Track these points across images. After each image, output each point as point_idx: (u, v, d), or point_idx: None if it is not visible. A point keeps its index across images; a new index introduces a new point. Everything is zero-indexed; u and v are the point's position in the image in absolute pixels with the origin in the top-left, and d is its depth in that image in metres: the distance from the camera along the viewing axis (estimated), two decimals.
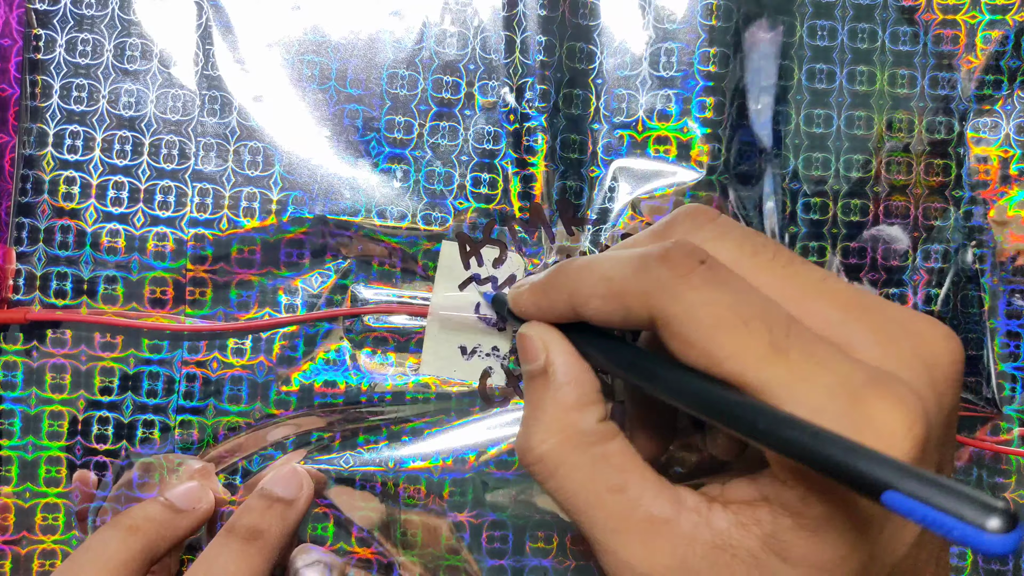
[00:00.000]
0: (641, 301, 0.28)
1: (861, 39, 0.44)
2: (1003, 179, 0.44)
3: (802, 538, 0.26)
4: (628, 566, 0.28)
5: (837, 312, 0.28)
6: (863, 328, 0.27)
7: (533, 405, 0.31)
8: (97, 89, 0.41)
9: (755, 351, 0.25)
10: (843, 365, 0.25)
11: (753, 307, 0.26)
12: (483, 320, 0.41)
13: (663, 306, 0.27)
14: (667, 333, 0.27)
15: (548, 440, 0.30)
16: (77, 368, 0.40)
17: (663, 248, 0.28)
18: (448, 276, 0.42)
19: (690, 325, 0.26)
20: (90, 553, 0.37)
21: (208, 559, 0.37)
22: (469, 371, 0.42)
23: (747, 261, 0.29)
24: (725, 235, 0.30)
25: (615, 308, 0.29)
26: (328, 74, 0.42)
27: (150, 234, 0.41)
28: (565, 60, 0.43)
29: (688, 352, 0.27)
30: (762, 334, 0.26)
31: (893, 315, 0.28)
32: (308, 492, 0.40)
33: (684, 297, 0.27)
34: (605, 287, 0.29)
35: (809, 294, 0.28)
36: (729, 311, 0.26)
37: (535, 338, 0.32)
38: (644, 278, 0.28)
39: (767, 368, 0.25)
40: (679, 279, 0.27)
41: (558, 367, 0.31)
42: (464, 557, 0.42)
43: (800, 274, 0.29)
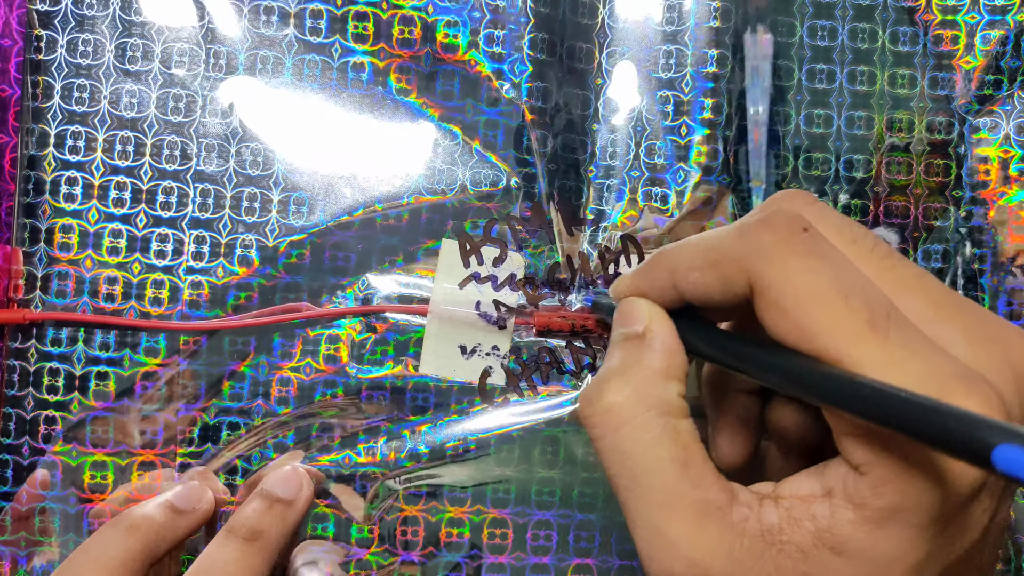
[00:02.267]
0: (740, 267, 0.27)
1: (861, 39, 0.44)
2: (1003, 179, 0.44)
3: (864, 531, 0.25)
4: (673, 545, 0.27)
5: (931, 309, 0.27)
6: (955, 328, 0.27)
7: (619, 362, 0.30)
8: (98, 90, 0.41)
9: (852, 328, 0.25)
10: (936, 356, 0.25)
11: (855, 283, 0.26)
12: (483, 318, 0.41)
13: (762, 271, 0.27)
14: (763, 302, 0.27)
15: (624, 391, 0.29)
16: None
17: (764, 215, 0.28)
18: (448, 274, 0.42)
19: (788, 293, 0.26)
20: (89, 553, 0.37)
21: (208, 559, 0.37)
22: (469, 370, 0.42)
23: (845, 247, 0.28)
24: (824, 219, 0.29)
25: (714, 278, 0.28)
26: (328, 74, 0.42)
27: (152, 235, 0.41)
28: (565, 59, 0.43)
29: (782, 323, 0.26)
30: (861, 311, 0.25)
31: (985, 319, 0.28)
32: (308, 493, 0.40)
33: (784, 263, 0.26)
34: (704, 257, 0.29)
35: (904, 288, 0.28)
36: (830, 283, 0.26)
37: (641, 305, 0.31)
38: (744, 244, 0.27)
39: (862, 346, 0.25)
40: (780, 244, 0.27)
41: (656, 334, 0.30)
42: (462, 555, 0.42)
43: (897, 267, 0.28)
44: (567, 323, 0.41)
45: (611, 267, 0.42)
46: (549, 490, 0.42)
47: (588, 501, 0.42)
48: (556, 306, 0.42)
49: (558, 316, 0.42)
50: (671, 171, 0.43)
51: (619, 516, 0.41)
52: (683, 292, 0.30)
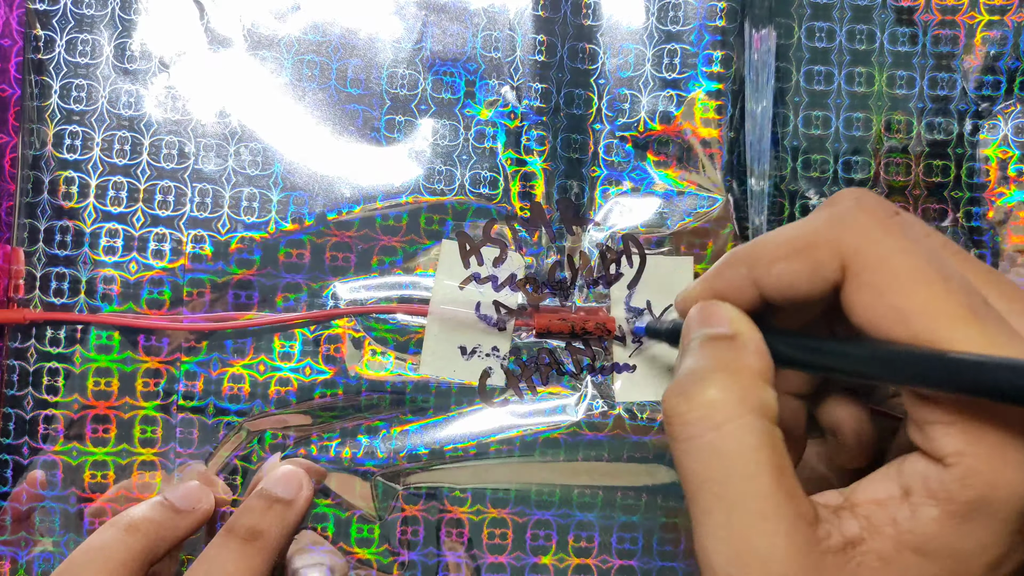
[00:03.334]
0: (833, 250, 0.27)
1: (859, 40, 0.44)
2: (1002, 179, 0.44)
3: (948, 527, 0.25)
4: (763, 561, 0.25)
5: (1004, 303, 0.27)
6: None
7: (710, 360, 0.29)
8: (97, 89, 0.41)
9: (952, 310, 0.24)
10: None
11: (950, 267, 0.25)
12: (483, 319, 0.41)
13: (858, 252, 0.26)
14: (856, 284, 0.26)
15: (728, 390, 0.27)
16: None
17: (855, 195, 0.27)
18: (448, 275, 0.42)
19: (886, 273, 0.25)
20: (89, 553, 0.36)
21: (208, 559, 0.37)
22: (469, 371, 0.42)
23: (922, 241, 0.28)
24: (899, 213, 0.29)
25: (803, 265, 0.27)
26: (328, 74, 0.42)
27: (150, 234, 0.41)
28: (567, 60, 0.43)
29: (877, 304, 0.25)
30: (961, 295, 0.25)
31: None
32: (308, 493, 0.40)
33: (882, 242, 0.26)
34: (790, 246, 0.28)
35: (979, 281, 0.27)
36: (928, 264, 0.25)
37: (723, 307, 0.30)
38: (838, 226, 0.27)
39: (963, 330, 0.24)
40: (877, 223, 0.26)
41: (748, 337, 0.29)
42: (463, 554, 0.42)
43: (969, 263, 0.28)
44: (567, 325, 0.41)
45: (612, 267, 0.42)
46: (549, 490, 0.42)
47: (588, 501, 0.42)
48: (556, 307, 0.42)
49: (558, 318, 0.42)
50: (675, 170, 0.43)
51: (619, 516, 0.41)
52: (764, 287, 0.29)
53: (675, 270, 0.43)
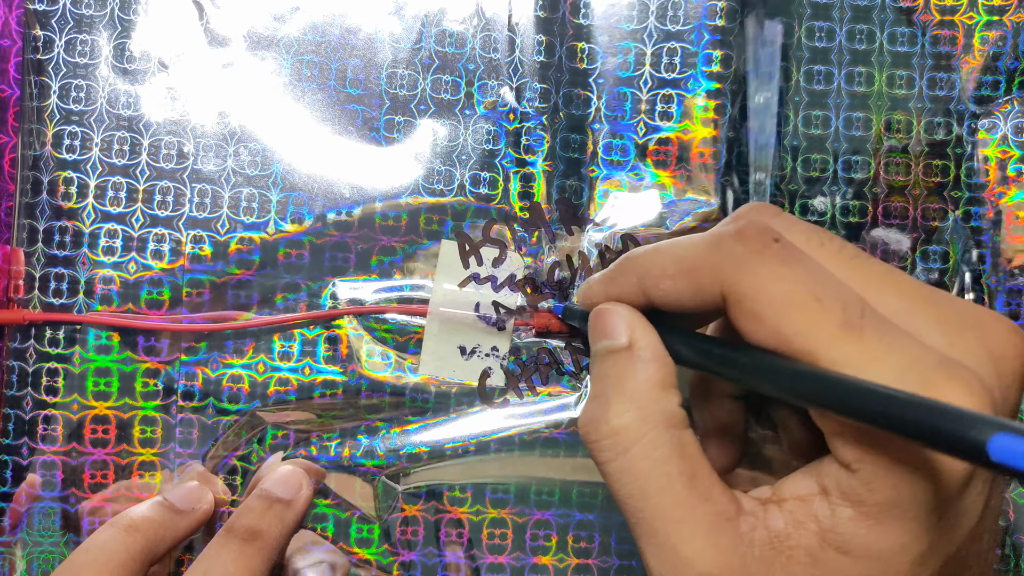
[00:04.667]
0: (713, 276, 0.28)
1: (859, 40, 0.44)
2: (1001, 179, 0.44)
3: (864, 528, 0.25)
4: (688, 563, 0.27)
5: (903, 302, 0.28)
6: (929, 318, 0.27)
7: (612, 380, 0.30)
8: (96, 89, 0.41)
9: (827, 328, 0.25)
10: (914, 348, 0.25)
11: (827, 285, 0.26)
12: (483, 319, 0.41)
13: (736, 281, 0.27)
14: (737, 311, 0.27)
15: (628, 412, 0.29)
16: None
17: (737, 226, 0.28)
18: (448, 275, 0.42)
19: (762, 301, 0.26)
20: (89, 554, 0.36)
21: (207, 559, 0.37)
22: (468, 371, 0.42)
23: (814, 252, 0.29)
24: (791, 227, 0.30)
25: (686, 286, 0.29)
26: (327, 74, 0.42)
27: (149, 235, 0.41)
28: (565, 60, 0.43)
29: (758, 330, 0.27)
30: (835, 312, 0.26)
31: (958, 307, 0.28)
32: (307, 493, 0.40)
33: (757, 272, 0.27)
34: (676, 266, 0.29)
35: (875, 284, 0.28)
36: (802, 287, 0.26)
37: (618, 314, 0.31)
38: (717, 253, 0.28)
39: (838, 346, 0.25)
40: (753, 254, 0.27)
41: (644, 344, 0.30)
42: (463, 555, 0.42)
43: (866, 265, 0.29)
44: (566, 325, 0.41)
45: None
46: (548, 490, 0.42)
47: (588, 501, 0.42)
48: None
49: (557, 318, 0.42)
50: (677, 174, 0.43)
51: (619, 516, 0.41)
52: (653, 299, 0.30)
53: None
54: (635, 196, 0.43)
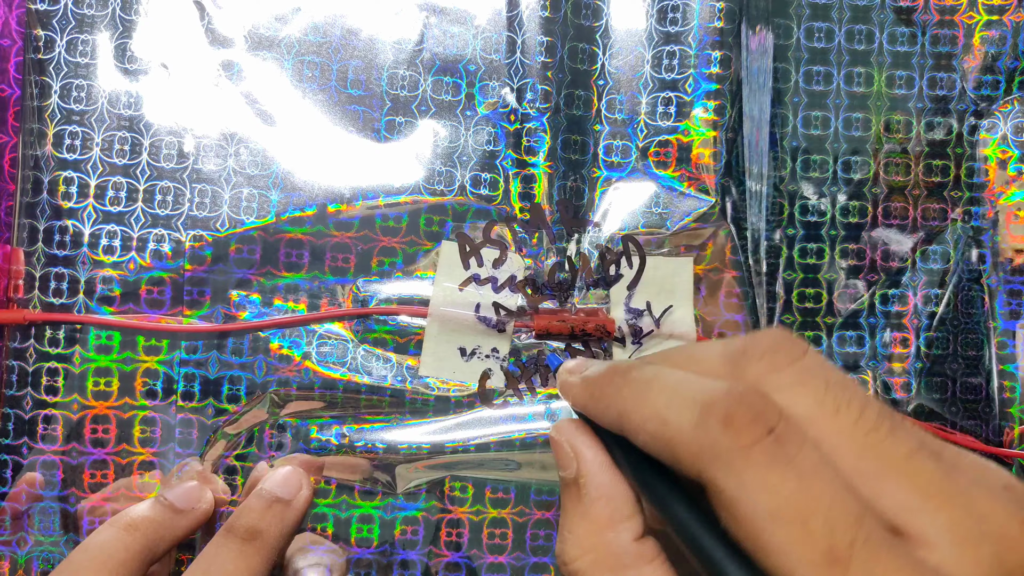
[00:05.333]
0: (694, 462, 0.25)
1: (858, 41, 0.44)
2: (1001, 179, 0.44)
3: None
4: None
5: (916, 499, 0.25)
6: (942, 523, 0.24)
7: (565, 515, 0.29)
8: (97, 89, 0.41)
9: (809, 555, 0.23)
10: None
11: (819, 501, 0.24)
12: (483, 321, 0.41)
13: (717, 478, 0.24)
14: (716, 503, 0.25)
15: (581, 558, 0.28)
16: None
17: (728, 405, 0.25)
18: (448, 276, 0.42)
19: (743, 507, 0.24)
20: (88, 553, 0.36)
21: (206, 559, 0.37)
22: (468, 372, 0.42)
23: (826, 421, 0.26)
24: (806, 383, 0.26)
25: (664, 454, 0.26)
26: (328, 75, 0.42)
27: (149, 234, 0.41)
28: (567, 61, 0.43)
29: (735, 530, 0.24)
30: (821, 538, 0.23)
31: (980, 509, 0.25)
32: (307, 493, 0.40)
33: (742, 475, 0.24)
34: (657, 428, 0.26)
35: (890, 472, 0.25)
36: (788, 503, 0.24)
37: (565, 445, 0.30)
38: (702, 437, 0.25)
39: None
40: (740, 451, 0.24)
41: (589, 480, 0.29)
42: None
43: (884, 445, 0.25)
44: (566, 327, 0.41)
45: (612, 268, 0.42)
46: (549, 490, 0.42)
47: None
48: (556, 309, 0.42)
49: (557, 319, 0.42)
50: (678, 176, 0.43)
51: None
52: (630, 440, 0.28)
53: (675, 271, 0.43)
54: (635, 196, 0.43)
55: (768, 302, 0.43)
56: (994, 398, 0.43)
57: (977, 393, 0.43)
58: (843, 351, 0.44)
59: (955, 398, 0.44)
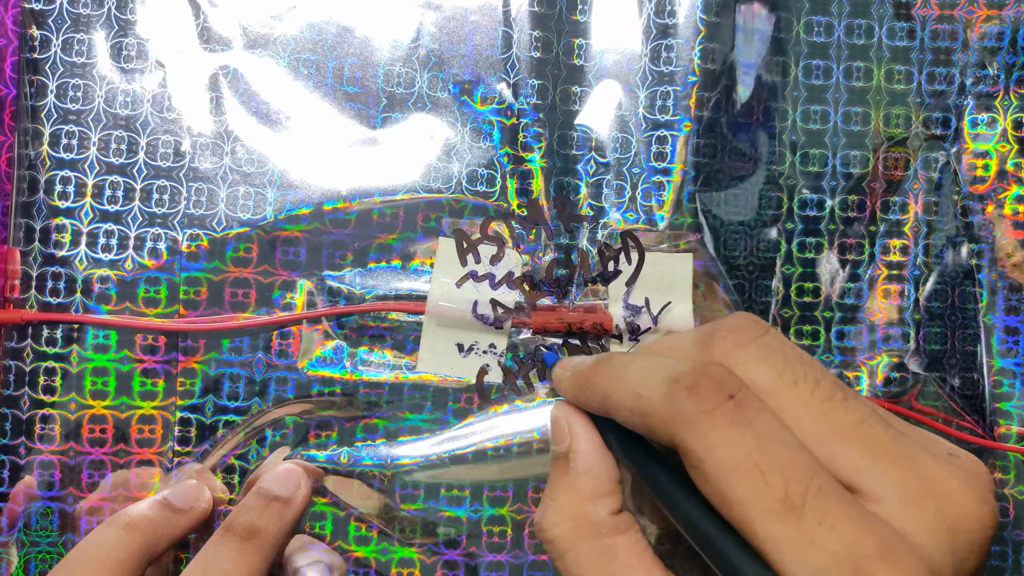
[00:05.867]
0: (665, 428, 0.28)
1: (858, 35, 0.44)
2: (1000, 175, 0.44)
3: None
4: None
5: (867, 459, 0.27)
6: (890, 481, 0.27)
7: (552, 486, 0.32)
8: (93, 88, 0.41)
9: (766, 504, 0.25)
10: (855, 530, 0.25)
11: (774, 455, 0.26)
12: (480, 318, 0.41)
13: (686, 439, 0.27)
14: (687, 463, 0.27)
15: (560, 525, 0.30)
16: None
17: (694, 376, 0.28)
18: (445, 273, 0.42)
19: (709, 464, 0.26)
20: (87, 552, 0.36)
21: (205, 557, 0.37)
22: (466, 368, 0.42)
23: (785, 391, 0.28)
24: (766, 358, 0.29)
25: (640, 425, 0.29)
26: (324, 72, 0.42)
27: (146, 233, 0.41)
28: (562, 56, 0.43)
29: (704, 487, 0.27)
30: (777, 487, 0.25)
31: (924, 471, 0.27)
32: (306, 491, 0.40)
33: (706, 435, 0.27)
34: (634, 402, 0.29)
35: (842, 436, 0.28)
36: (747, 457, 0.26)
37: (562, 422, 0.32)
38: (670, 405, 0.28)
39: (775, 524, 0.25)
40: (703, 414, 0.27)
41: (579, 454, 0.31)
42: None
43: (837, 412, 0.28)
44: (564, 323, 0.41)
45: (610, 264, 0.42)
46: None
47: None
48: (553, 305, 0.42)
49: (555, 316, 0.41)
50: (672, 170, 0.43)
51: None
52: (615, 419, 0.31)
53: (674, 267, 0.42)
54: (633, 195, 0.43)
55: (764, 296, 0.43)
56: (983, 392, 0.43)
57: (975, 388, 0.43)
58: (841, 344, 0.44)
59: (952, 392, 0.44)
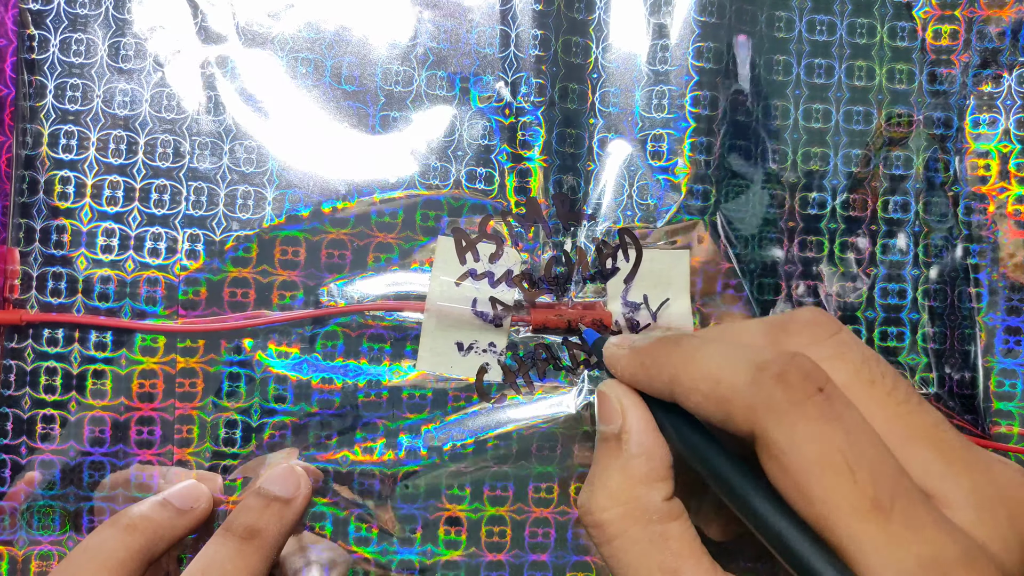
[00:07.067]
0: (747, 415, 0.27)
1: (860, 34, 0.44)
2: (1002, 174, 0.44)
3: None
4: None
5: (941, 464, 0.27)
6: (963, 486, 0.26)
7: (602, 468, 0.31)
8: (91, 89, 0.41)
9: (855, 504, 0.25)
10: (941, 536, 0.25)
11: (864, 454, 0.25)
12: (479, 316, 0.41)
13: (770, 428, 0.26)
14: (766, 455, 0.26)
15: (611, 509, 0.29)
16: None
17: (781, 365, 0.27)
18: (445, 271, 0.42)
19: (793, 456, 0.26)
20: (88, 553, 0.37)
21: (205, 558, 0.37)
22: (466, 367, 0.42)
23: (862, 390, 0.28)
24: (844, 355, 0.29)
25: (716, 411, 0.28)
26: (322, 71, 0.42)
27: (146, 234, 0.41)
28: (561, 54, 0.43)
29: (781, 480, 0.26)
30: (867, 487, 0.25)
31: (997, 477, 0.27)
32: (306, 491, 0.40)
33: (795, 426, 0.26)
34: (711, 387, 0.28)
35: (918, 439, 0.27)
36: (838, 453, 0.25)
37: (614, 400, 0.31)
38: (756, 393, 0.27)
39: (862, 524, 0.25)
40: (793, 405, 0.26)
41: (633, 436, 0.30)
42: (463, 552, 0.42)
43: (914, 415, 0.28)
44: (563, 321, 0.41)
45: (609, 261, 0.42)
46: (547, 487, 0.42)
47: None
48: (553, 303, 0.42)
49: (554, 313, 0.41)
50: (669, 168, 0.43)
51: None
52: (682, 404, 0.29)
53: (672, 263, 0.42)
54: (632, 190, 0.43)
55: (763, 295, 0.43)
56: (976, 391, 0.43)
57: (972, 387, 0.43)
58: None
59: (951, 392, 0.44)
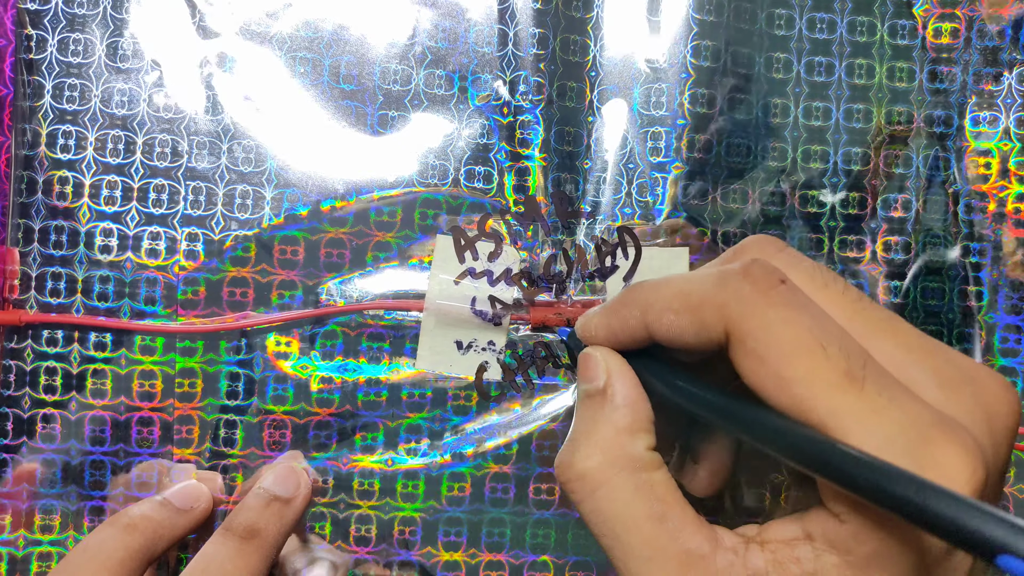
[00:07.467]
0: (718, 314, 0.28)
1: (860, 32, 0.43)
2: (1002, 173, 0.43)
3: (848, 574, 0.26)
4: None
5: (902, 352, 0.28)
6: (927, 370, 0.27)
7: (584, 423, 0.31)
8: (89, 88, 0.41)
9: (829, 377, 0.25)
10: (913, 404, 0.25)
11: (832, 333, 0.26)
12: (479, 314, 0.41)
13: (741, 320, 0.27)
14: (740, 350, 0.27)
15: (594, 456, 0.30)
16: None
17: (744, 264, 0.28)
18: (444, 270, 0.42)
19: (766, 342, 0.26)
20: (87, 552, 0.37)
21: (205, 557, 0.37)
22: (465, 365, 0.42)
23: (818, 292, 0.29)
24: (795, 265, 0.30)
25: (689, 322, 0.29)
26: (320, 70, 0.42)
27: (144, 233, 0.41)
28: (559, 52, 0.42)
29: (758, 371, 0.27)
30: (839, 361, 0.26)
31: (956, 361, 0.28)
32: (306, 491, 0.40)
33: (764, 313, 0.27)
34: (681, 301, 0.29)
35: (877, 331, 0.28)
36: (808, 333, 0.26)
37: (599, 358, 0.32)
38: (723, 291, 0.28)
39: (839, 396, 0.25)
40: (760, 294, 0.27)
41: (617, 389, 0.31)
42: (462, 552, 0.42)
43: (868, 311, 0.29)
44: (562, 319, 0.41)
45: (608, 259, 0.42)
46: (547, 487, 0.42)
47: None
48: (552, 301, 0.42)
49: (553, 312, 0.41)
50: (667, 165, 0.43)
51: None
52: (655, 333, 0.30)
53: (671, 261, 0.42)
54: (631, 188, 0.43)
55: None
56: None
57: None
58: None
59: None
